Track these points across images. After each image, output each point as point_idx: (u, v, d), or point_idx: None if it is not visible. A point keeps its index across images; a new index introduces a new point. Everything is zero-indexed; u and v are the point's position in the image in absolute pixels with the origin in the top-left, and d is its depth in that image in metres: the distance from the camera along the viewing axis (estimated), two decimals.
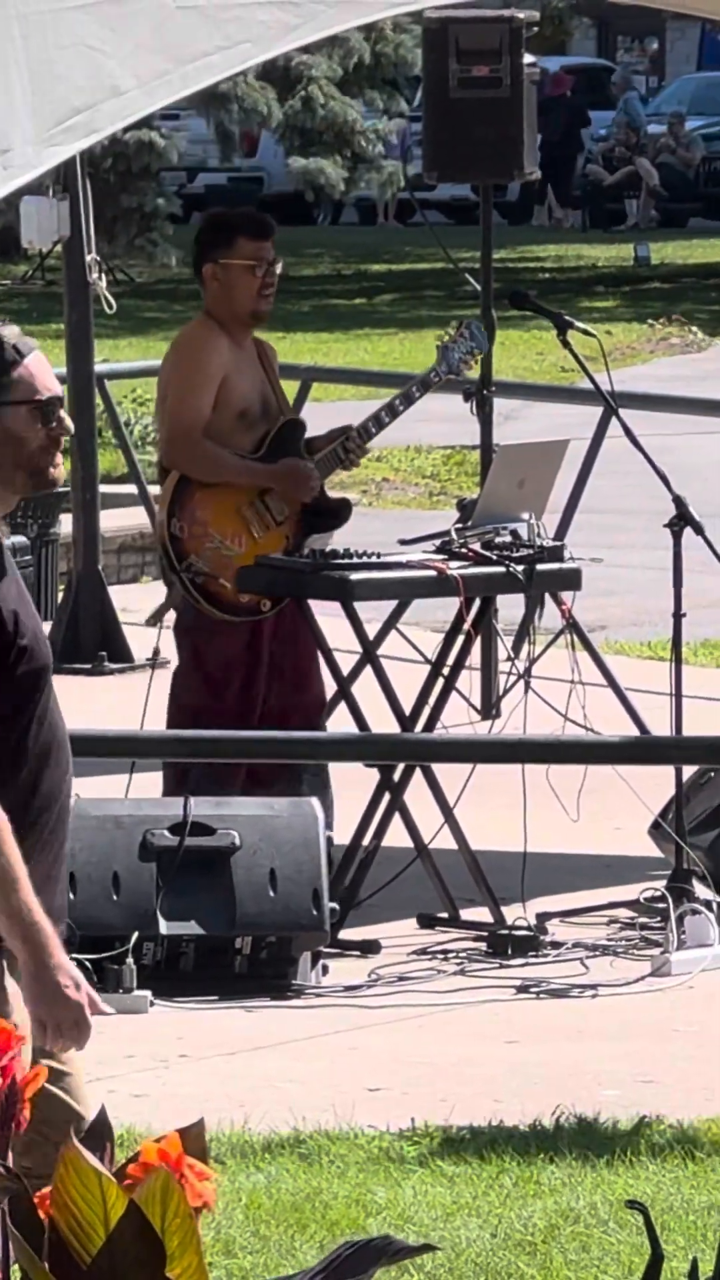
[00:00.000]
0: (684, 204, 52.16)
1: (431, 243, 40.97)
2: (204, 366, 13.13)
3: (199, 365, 13.17)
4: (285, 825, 12.20)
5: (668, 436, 14.79)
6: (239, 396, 13.17)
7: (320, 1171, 9.58)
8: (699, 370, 31.32)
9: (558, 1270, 8.70)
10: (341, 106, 35.00)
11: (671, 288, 40.96)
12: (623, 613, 14.50)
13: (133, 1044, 11.03)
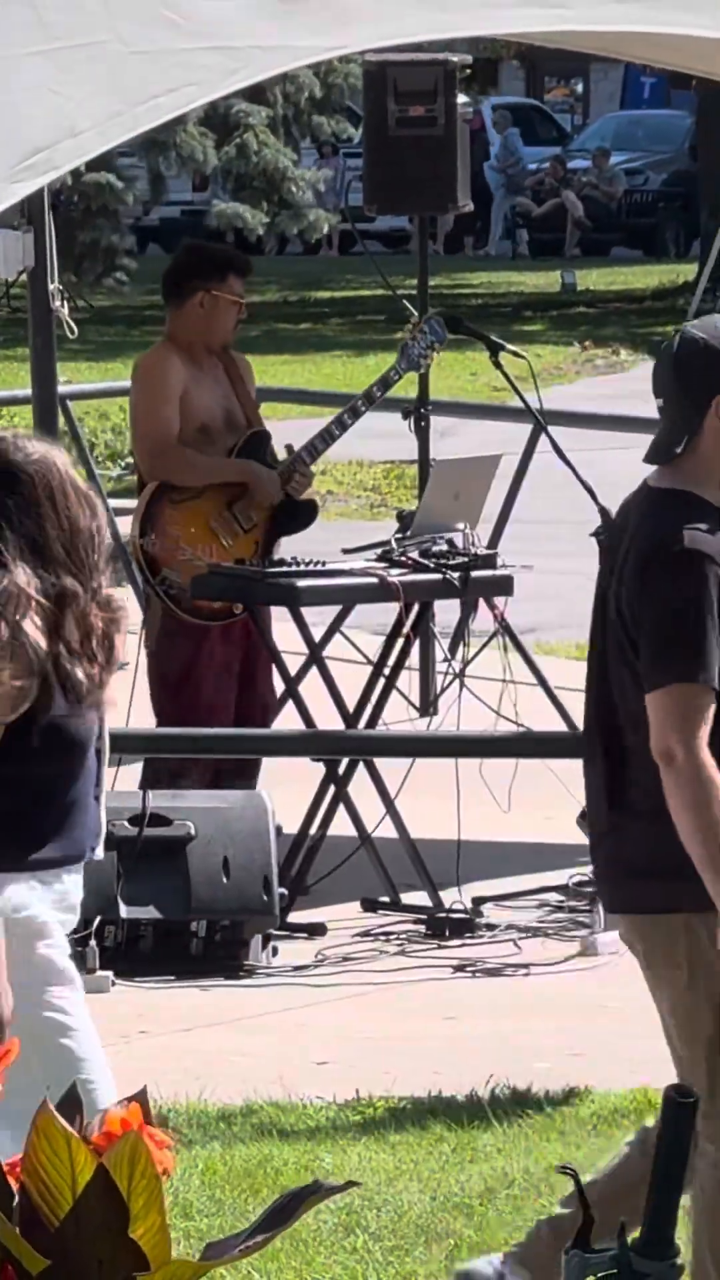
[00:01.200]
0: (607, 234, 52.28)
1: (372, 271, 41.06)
2: (164, 386, 13.31)
3: (160, 385, 13.34)
4: (238, 816, 12.24)
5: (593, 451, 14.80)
6: (199, 410, 13.27)
7: (271, 1140, 9.62)
8: (622, 389, 31.35)
9: (493, 1231, 8.73)
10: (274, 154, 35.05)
11: (596, 312, 41.04)
12: (552, 616, 14.52)
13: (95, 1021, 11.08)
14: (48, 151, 10.79)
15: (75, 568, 7.36)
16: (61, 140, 10.83)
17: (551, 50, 41.85)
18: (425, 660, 14.83)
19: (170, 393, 13.23)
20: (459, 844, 12.67)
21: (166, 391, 13.24)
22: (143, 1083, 6.98)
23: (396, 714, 13.91)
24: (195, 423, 13.21)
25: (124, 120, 11.30)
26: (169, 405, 13.20)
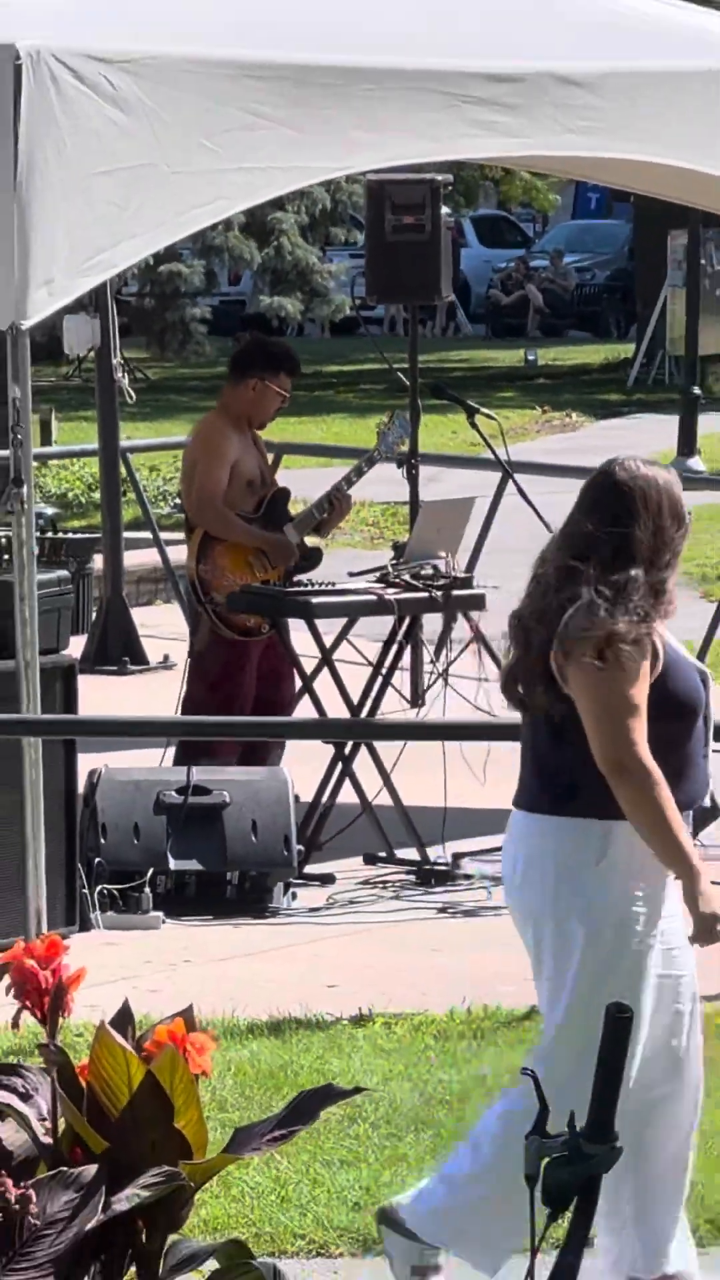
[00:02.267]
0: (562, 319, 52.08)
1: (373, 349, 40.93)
2: (222, 453, 13.26)
3: (218, 452, 13.30)
4: (264, 787, 12.22)
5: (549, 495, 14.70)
6: (245, 471, 13.31)
7: (290, 1048, 9.59)
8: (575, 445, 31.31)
9: (469, 1122, 8.68)
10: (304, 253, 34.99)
11: (553, 383, 40.85)
12: None
13: (148, 952, 11.04)
14: (109, 252, 10.77)
15: (664, 565, 7.37)
16: (120, 243, 10.82)
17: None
18: (415, 662, 14.79)
19: (225, 459, 13.26)
20: (444, 810, 12.66)
21: (222, 457, 13.27)
22: (188, 1002, 6.98)
23: (392, 705, 13.87)
24: (242, 480, 13.27)
25: (169, 227, 11.30)
26: (222, 468, 13.23)
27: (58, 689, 11.53)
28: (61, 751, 11.28)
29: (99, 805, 11.93)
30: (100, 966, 6.81)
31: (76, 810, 11.61)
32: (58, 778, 11.15)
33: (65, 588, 14.48)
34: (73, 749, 11.54)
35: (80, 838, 11.61)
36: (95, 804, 11.92)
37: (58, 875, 10.94)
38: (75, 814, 11.57)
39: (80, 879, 11.51)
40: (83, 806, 11.76)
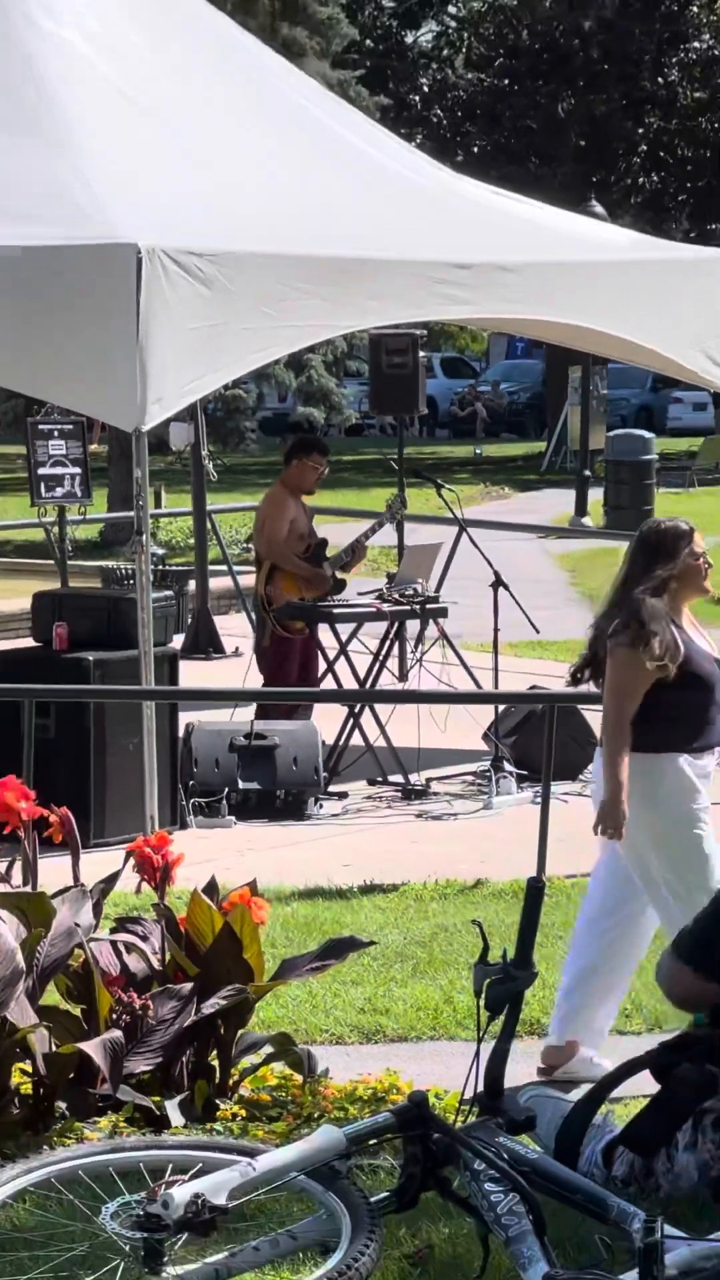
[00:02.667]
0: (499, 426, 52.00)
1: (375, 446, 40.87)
2: (283, 512, 13.34)
3: (281, 511, 13.39)
4: (301, 734, 12.18)
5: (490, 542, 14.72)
6: (299, 524, 13.36)
7: (317, 907, 9.57)
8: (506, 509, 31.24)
9: (437, 956, 8.69)
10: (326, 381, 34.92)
11: (492, 468, 40.82)
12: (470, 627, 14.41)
13: (225, 842, 11.02)
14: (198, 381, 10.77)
15: (659, 587, 7.47)
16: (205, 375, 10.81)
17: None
18: (401, 652, 14.78)
19: (286, 517, 13.35)
20: (419, 750, 12.64)
21: (284, 516, 13.36)
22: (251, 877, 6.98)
23: (386, 681, 13.88)
24: (298, 531, 13.31)
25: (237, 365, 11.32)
26: (284, 523, 13.29)
27: (165, 669, 11.53)
28: (168, 710, 11.28)
29: (193, 746, 11.92)
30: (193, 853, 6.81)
31: (178, 750, 11.61)
32: (166, 728, 11.13)
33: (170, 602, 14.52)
34: (176, 709, 11.54)
35: (180, 768, 11.61)
36: (190, 745, 11.90)
37: (165, 792, 10.93)
38: (177, 752, 11.55)
39: (180, 795, 11.51)
40: (182, 747, 11.75)
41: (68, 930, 6.49)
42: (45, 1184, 5.31)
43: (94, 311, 10.19)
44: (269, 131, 12.26)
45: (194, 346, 10.42)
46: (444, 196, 12.93)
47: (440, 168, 13.82)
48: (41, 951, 6.45)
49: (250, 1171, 5.03)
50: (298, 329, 11.52)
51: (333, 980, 8.14)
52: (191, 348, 10.41)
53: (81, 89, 11.50)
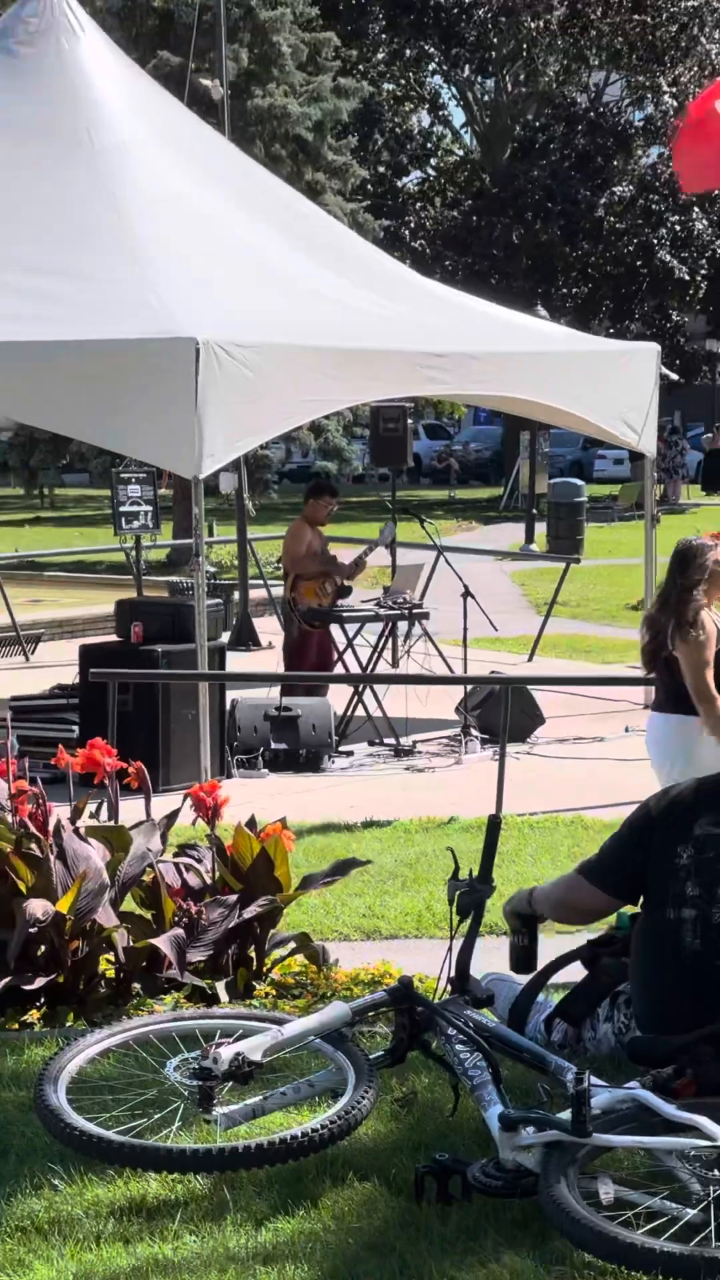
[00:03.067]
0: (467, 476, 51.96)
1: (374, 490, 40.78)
2: (303, 539, 13.31)
3: (301, 538, 13.34)
4: (318, 707, 12.18)
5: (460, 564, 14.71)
6: (315, 547, 13.33)
7: (330, 838, 9.56)
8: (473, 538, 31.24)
9: (420, 875, 8.66)
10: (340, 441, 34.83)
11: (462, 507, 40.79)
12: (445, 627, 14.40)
13: (260, 789, 11.01)
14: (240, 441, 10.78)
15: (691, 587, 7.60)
16: (245, 437, 10.81)
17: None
18: (394, 645, 14.79)
19: (304, 540, 13.31)
20: (406, 719, 12.64)
21: (302, 540, 13.32)
22: (281, 815, 6.98)
23: (382, 667, 13.88)
24: (313, 551, 13.31)
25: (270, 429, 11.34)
26: (303, 545, 13.26)
27: (216, 658, 11.54)
28: (218, 689, 11.29)
29: (236, 717, 11.92)
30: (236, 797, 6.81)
31: (225, 719, 11.61)
32: (216, 703, 11.14)
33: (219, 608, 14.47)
34: (224, 689, 11.55)
35: (226, 733, 11.62)
36: (235, 716, 11.91)
37: (216, 750, 10.93)
38: (225, 721, 11.57)
39: (227, 753, 11.51)
40: (228, 717, 11.77)
41: (141, 854, 6.49)
42: (124, 1044, 5.33)
43: (163, 388, 10.19)
44: (295, 249, 12.26)
45: (238, 415, 10.43)
46: (427, 301, 12.92)
47: (425, 280, 13.83)
48: (121, 870, 6.45)
49: (279, 1036, 5.03)
50: (316, 402, 11.53)
51: (341, 893, 8.14)
52: (236, 416, 10.41)
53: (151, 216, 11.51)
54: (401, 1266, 4.28)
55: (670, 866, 5.22)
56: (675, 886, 5.20)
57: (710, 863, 5.19)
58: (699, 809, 5.26)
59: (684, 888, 5.19)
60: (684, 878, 5.20)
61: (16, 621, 17.53)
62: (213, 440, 10.19)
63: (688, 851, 5.22)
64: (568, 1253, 4.31)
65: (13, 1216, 4.60)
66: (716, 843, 5.21)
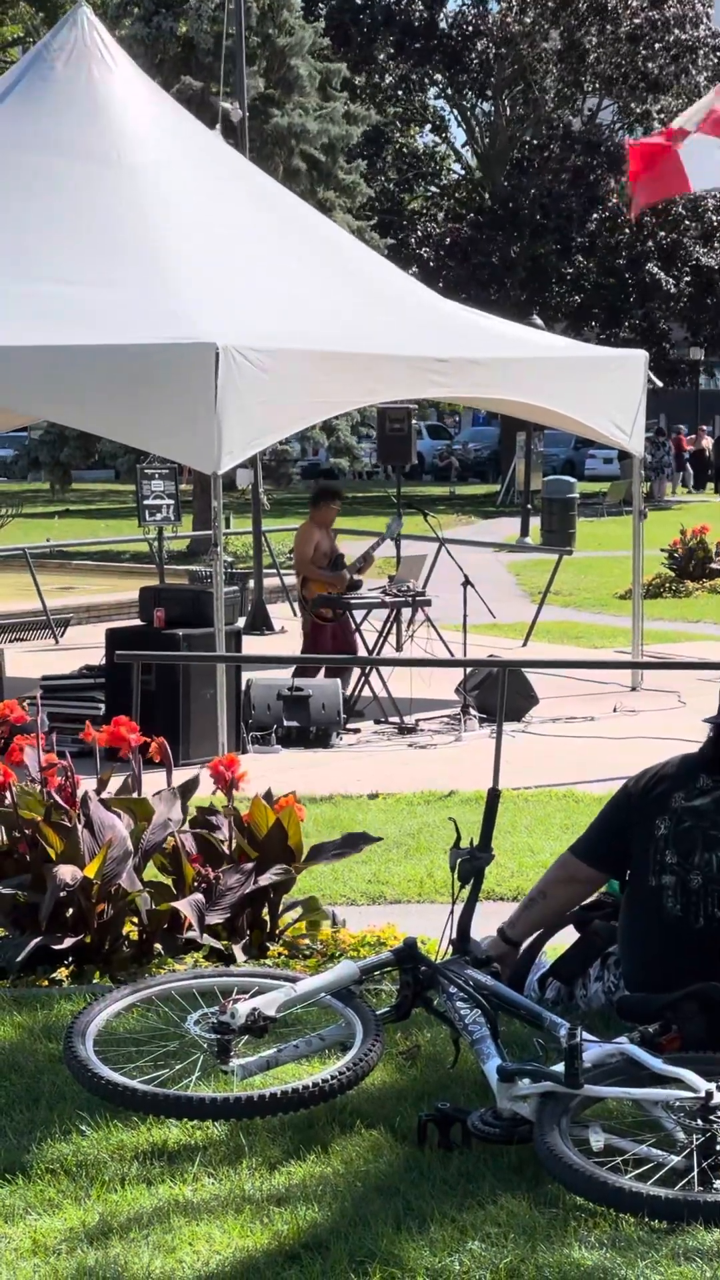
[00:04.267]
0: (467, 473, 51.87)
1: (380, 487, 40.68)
2: (310, 539, 13.19)
3: (309, 538, 13.23)
4: (327, 688, 12.16)
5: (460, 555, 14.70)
6: (323, 546, 13.22)
7: (338, 808, 9.53)
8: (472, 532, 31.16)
9: (422, 844, 8.64)
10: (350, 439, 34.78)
11: (462, 502, 40.74)
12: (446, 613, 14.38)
13: (274, 763, 10.99)
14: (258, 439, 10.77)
15: None
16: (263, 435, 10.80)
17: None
18: (399, 630, 14.79)
19: (311, 543, 13.18)
20: (410, 699, 12.62)
21: (310, 542, 13.20)
22: (293, 788, 6.97)
23: (388, 651, 13.86)
24: (321, 551, 13.18)
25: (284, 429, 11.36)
26: (310, 547, 13.14)
27: (233, 641, 11.53)
28: (235, 670, 11.28)
29: (252, 695, 11.90)
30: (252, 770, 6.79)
31: (241, 698, 11.61)
32: (233, 683, 11.14)
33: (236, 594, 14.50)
34: (240, 670, 11.54)
35: (242, 711, 11.62)
36: (250, 695, 11.90)
37: (233, 727, 10.94)
38: (241, 700, 11.56)
39: (242, 730, 11.50)
40: (244, 696, 11.76)
41: (163, 823, 6.49)
42: (147, 1000, 5.32)
43: (185, 390, 10.18)
44: (308, 260, 12.25)
45: (254, 415, 10.42)
46: (431, 311, 12.90)
47: (428, 290, 13.80)
48: (144, 839, 6.45)
49: (292, 992, 5.03)
50: (326, 404, 11.52)
51: (349, 860, 8.08)
52: (253, 416, 10.40)
53: (175, 230, 11.51)
54: (406, 1208, 4.28)
55: (650, 838, 5.25)
56: (656, 856, 5.23)
57: (687, 832, 5.22)
58: (675, 784, 5.29)
59: (664, 856, 5.22)
60: (663, 847, 5.24)
61: (47, 606, 17.54)
62: (231, 439, 10.18)
63: (665, 823, 5.25)
64: (560, 1195, 4.31)
65: (43, 1160, 4.61)
66: (692, 814, 5.24)
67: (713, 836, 5.20)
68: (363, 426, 35.28)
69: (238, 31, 20.00)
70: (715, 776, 5.28)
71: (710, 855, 5.19)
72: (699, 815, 5.23)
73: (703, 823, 5.22)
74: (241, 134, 19.22)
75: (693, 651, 15.27)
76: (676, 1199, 4.14)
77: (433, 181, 51.64)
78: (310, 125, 32.35)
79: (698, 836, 5.21)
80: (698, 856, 5.20)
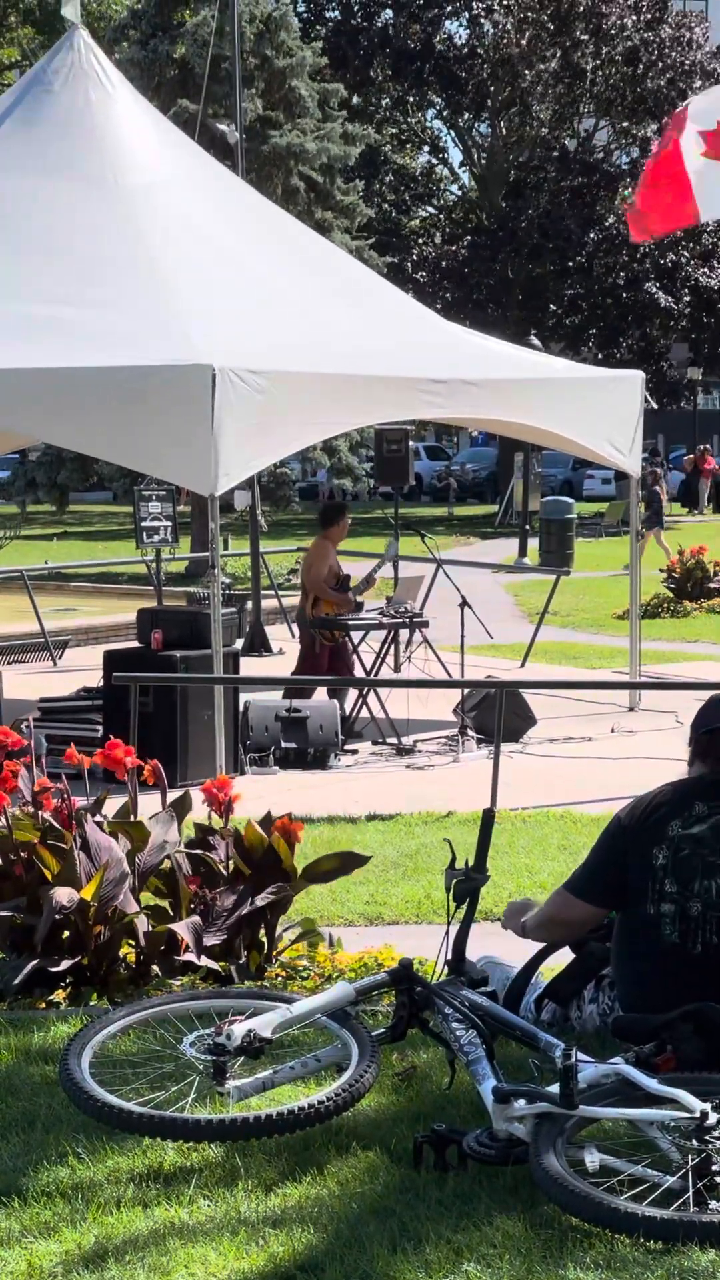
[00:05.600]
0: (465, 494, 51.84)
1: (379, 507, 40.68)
2: (324, 557, 13.14)
3: (322, 557, 13.18)
4: (325, 708, 12.17)
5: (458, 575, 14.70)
6: (333, 565, 13.18)
7: (336, 830, 9.54)
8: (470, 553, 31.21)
9: (420, 865, 8.65)
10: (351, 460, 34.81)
11: (460, 523, 40.76)
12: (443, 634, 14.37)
13: (272, 784, 11.00)
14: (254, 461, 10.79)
15: None
16: (260, 457, 10.83)
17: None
18: (396, 651, 14.79)
19: (325, 560, 13.14)
20: (408, 720, 12.62)
21: (325, 560, 13.15)
22: (289, 809, 6.96)
23: (385, 672, 13.86)
24: (333, 572, 13.15)
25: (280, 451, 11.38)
26: (325, 566, 13.09)
27: (230, 663, 11.54)
28: (232, 692, 11.29)
29: (249, 717, 11.91)
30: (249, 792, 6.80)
31: (239, 719, 11.61)
32: (230, 704, 11.15)
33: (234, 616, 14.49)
34: (237, 691, 11.55)
35: (240, 732, 11.62)
36: (248, 717, 11.90)
37: (230, 748, 10.94)
38: (238, 721, 11.57)
39: (240, 751, 11.51)
40: (242, 717, 11.77)
41: (159, 844, 6.50)
42: (143, 1022, 5.32)
43: (182, 411, 10.21)
44: (305, 282, 12.28)
45: (251, 437, 10.44)
46: (427, 331, 12.94)
47: (426, 311, 13.84)
48: (140, 860, 6.46)
49: (288, 1014, 5.04)
50: (323, 425, 11.54)
51: (346, 881, 8.11)
52: (249, 438, 10.43)
53: (172, 251, 11.54)
54: (401, 1229, 4.28)
55: (649, 867, 5.25)
56: (655, 885, 5.23)
57: (685, 860, 5.22)
58: (670, 812, 5.29)
59: (663, 885, 5.22)
60: (662, 876, 5.23)
61: (45, 628, 17.55)
62: (228, 460, 10.20)
63: (663, 852, 5.24)
64: (556, 1216, 4.31)
65: (39, 1182, 4.61)
66: (690, 841, 5.24)
67: (711, 863, 5.20)
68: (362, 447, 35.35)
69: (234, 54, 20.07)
70: (710, 802, 5.28)
71: (710, 882, 5.19)
72: (697, 842, 5.23)
73: (701, 850, 5.22)
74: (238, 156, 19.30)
75: (691, 672, 15.27)
76: (672, 1219, 4.13)
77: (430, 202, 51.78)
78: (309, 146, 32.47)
79: (697, 864, 5.21)
80: (697, 884, 5.20)
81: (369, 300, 12.80)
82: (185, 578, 24.90)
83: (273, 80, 32.87)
